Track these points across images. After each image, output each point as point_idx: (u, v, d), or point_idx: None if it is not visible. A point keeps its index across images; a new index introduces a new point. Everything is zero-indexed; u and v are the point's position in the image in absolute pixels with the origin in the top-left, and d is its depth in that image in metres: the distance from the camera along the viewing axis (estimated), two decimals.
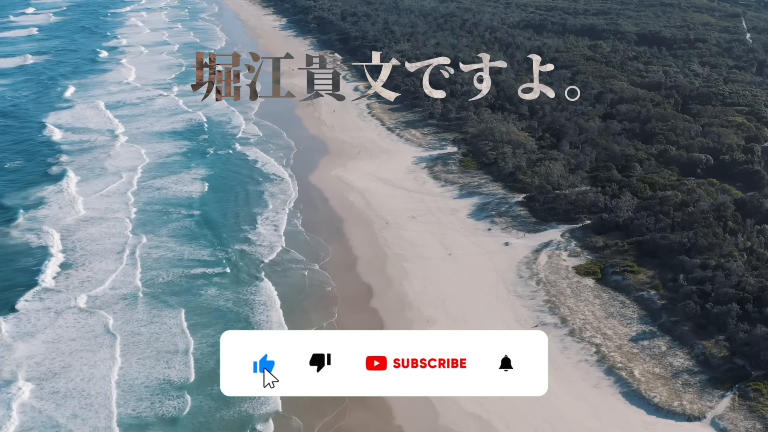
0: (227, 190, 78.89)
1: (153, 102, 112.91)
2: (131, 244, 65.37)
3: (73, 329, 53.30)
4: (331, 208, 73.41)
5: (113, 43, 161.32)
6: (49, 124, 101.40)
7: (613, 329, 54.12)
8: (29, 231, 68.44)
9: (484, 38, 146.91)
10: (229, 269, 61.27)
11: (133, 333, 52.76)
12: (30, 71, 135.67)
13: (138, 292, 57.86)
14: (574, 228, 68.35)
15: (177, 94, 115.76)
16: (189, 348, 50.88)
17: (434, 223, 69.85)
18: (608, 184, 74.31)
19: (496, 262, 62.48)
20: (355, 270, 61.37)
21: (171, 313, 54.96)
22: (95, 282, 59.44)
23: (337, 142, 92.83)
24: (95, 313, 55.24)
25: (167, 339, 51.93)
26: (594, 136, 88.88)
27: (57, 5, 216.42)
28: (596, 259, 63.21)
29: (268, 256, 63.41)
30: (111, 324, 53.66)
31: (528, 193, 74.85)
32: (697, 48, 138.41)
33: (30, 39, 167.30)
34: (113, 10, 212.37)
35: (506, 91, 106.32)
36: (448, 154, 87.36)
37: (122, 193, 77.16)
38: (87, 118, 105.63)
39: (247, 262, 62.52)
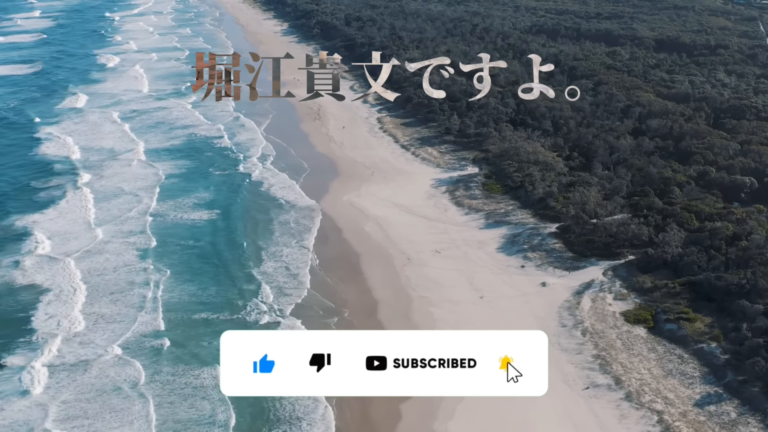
0: (241, 218, 72.15)
1: (154, 114, 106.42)
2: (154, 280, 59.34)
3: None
4: (346, 241, 66.55)
5: (114, 49, 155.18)
6: (60, 135, 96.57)
7: (674, 391, 47.45)
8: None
9: (496, 44, 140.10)
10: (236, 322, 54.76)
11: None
12: (37, 76, 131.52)
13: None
14: (616, 265, 61.64)
15: (192, 103, 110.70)
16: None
17: (461, 258, 63.12)
18: (650, 214, 67.63)
19: (534, 307, 55.77)
20: (376, 317, 54.59)
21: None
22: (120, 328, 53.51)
23: (348, 162, 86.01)
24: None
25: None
26: (626, 155, 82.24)
27: (55, 9, 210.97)
28: (645, 303, 56.50)
29: (286, 306, 56.33)
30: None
31: (562, 223, 68.14)
32: (719, 55, 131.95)
33: (37, 44, 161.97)
34: (108, 14, 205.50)
35: (526, 104, 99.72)
36: (470, 176, 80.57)
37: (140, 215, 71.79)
38: (98, 127, 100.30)
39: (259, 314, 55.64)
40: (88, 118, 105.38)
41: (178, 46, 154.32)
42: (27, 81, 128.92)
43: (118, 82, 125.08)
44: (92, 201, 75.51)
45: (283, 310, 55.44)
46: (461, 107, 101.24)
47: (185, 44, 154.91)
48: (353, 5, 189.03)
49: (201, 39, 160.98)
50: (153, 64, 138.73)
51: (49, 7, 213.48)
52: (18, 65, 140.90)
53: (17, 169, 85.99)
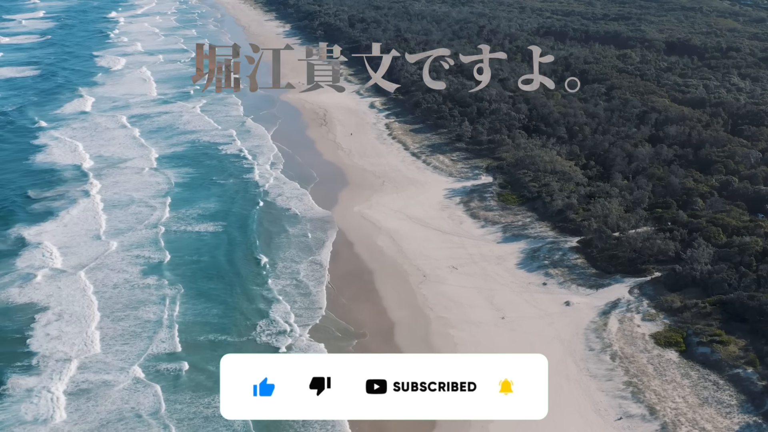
0: (254, 230, 69.09)
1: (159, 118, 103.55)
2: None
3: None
4: (358, 256, 63.70)
5: (120, 50, 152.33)
6: (68, 139, 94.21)
7: (712, 421, 44.74)
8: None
9: (504, 47, 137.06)
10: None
11: None
12: (42, 80, 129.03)
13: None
14: (642, 282, 58.89)
15: (201, 108, 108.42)
16: None
17: (479, 275, 60.35)
18: (675, 227, 64.90)
19: (558, 329, 53.01)
20: (393, 341, 51.76)
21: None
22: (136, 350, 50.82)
23: (357, 171, 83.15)
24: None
25: None
26: (645, 164, 79.52)
27: (54, 10, 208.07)
28: (675, 324, 53.76)
29: (303, 328, 53.31)
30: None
31: (583, 237, 65.40)
32: (731, 58, 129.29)
33: (41, 45, 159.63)
34: (107, 14, 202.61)
35: (539, 110, 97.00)
36: (484, 186, 77.77)
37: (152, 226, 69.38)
38: (106, 132, 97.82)
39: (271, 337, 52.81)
40: (96, 121, 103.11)
41: (184, 48, 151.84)
42: (31, 83, 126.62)
43: (124, 85, 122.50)
44: (102, 211, 72.51)
45: (301, 332, 52.53)
46: (472, 113, 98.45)
47: (190, 45, 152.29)
48: (356, 6, 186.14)
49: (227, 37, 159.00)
50: (158, 66, 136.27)
51: (52, 8, 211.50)
52: (22, 67, 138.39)
53: (24, 175, 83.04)
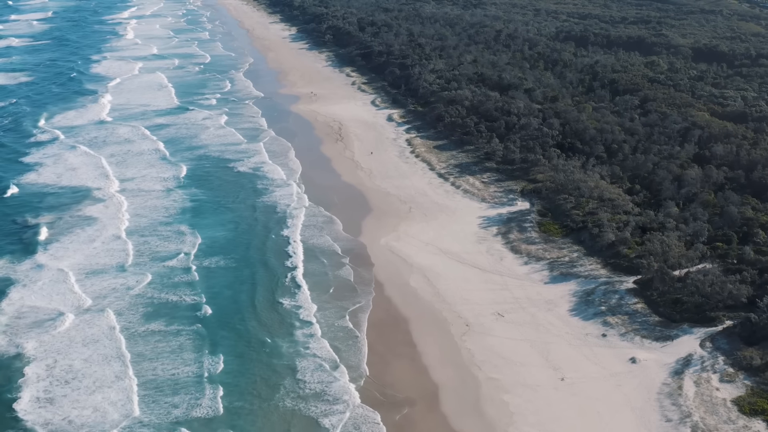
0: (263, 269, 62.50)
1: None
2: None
3: None
4: (389, 300, 56.68)
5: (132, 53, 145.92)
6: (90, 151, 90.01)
7: None
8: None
9: (524, 54, 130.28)
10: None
11: None
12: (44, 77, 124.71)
13: None
14: (714, 333, 52.09)
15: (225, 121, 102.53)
16: None
17: (529, 323, 53.46)
18: (744, 267, 58.11)
19: (627, 393, 46.21)
20: (439, 409, 44.88)
21: None
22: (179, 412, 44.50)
23: (380, 195, 76.10)
24: None
25: None
26: (696, 189, 72.74)
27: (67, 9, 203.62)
28: (758, 386, 46.95)
29: (351, 395, 46.34)
30: None
31: (640, 276, 58.59)
32: (762, 65, 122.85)
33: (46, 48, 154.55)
34: (108, 17, 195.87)
35: (572, 125, 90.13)
36: (522, 213, 70.86)
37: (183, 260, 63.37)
38: (130, 144, 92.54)
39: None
40: (117, 132, 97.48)
41: (195, 52, 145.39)
42: (41, 86, 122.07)
43: (140, 93, 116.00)
44: (130, 243, 65.91)
45: (348, 399, 45.67)
46: (500, 128, 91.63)
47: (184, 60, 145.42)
48: (365, 8, 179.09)
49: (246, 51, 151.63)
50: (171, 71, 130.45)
51: (62, 8, 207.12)
52: (27, 70, 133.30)
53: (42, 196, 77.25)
